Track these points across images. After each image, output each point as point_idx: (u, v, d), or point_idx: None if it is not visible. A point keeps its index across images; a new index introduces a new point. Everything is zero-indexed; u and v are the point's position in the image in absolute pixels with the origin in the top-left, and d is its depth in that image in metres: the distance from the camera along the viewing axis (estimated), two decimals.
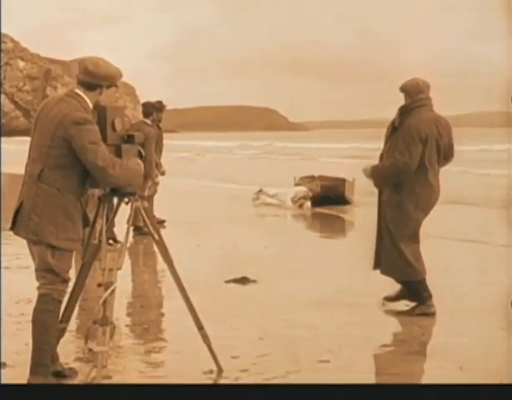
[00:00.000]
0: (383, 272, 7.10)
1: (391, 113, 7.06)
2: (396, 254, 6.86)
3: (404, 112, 6.85)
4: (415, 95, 6.82)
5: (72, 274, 5.02)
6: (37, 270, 4.85)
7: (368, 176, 7.01)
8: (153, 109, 11.88)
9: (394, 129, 6.90)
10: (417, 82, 6.85)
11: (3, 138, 44.71)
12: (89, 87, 4.83)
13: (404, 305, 7.07)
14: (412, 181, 6.76)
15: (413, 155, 6.70)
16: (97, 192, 5.12)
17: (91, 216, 5.07)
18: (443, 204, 7.45)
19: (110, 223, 5.07)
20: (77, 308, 5.68)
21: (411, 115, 6.79)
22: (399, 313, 6.89)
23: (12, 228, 4.84)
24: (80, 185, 4.81)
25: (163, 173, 12.33)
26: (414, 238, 6.89)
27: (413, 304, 6.95)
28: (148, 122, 11.64)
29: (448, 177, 7.20)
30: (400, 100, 7.01)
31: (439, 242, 10.52)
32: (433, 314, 6.84)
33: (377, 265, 7.13)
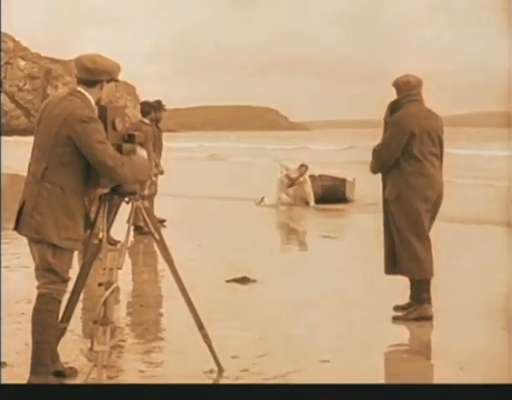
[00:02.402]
0: (402, 273, 6.95)
1: None
2: (401, 248, 6.79)
3: (394, 108, 6.85)
4: (406, 91, 6.81)
5: (74, 274, 5.02)
6: (37, 269, 4.84)
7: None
8: (151, 108, 11.90)
9: (386, 125, 6.91)
10: (408, 79, 6.83)
11: (3, 138, 44.60)
12: (89, 83, 4.83)
13: None
14: (406, 172, 6.72)
15: (389, 146, 6.74)
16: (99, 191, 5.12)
17: (93, 216, 5.07)
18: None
19: (110, 223, 5.06)
20: (80, 308, 5.70)
21: (400, 110, 6.79)
22: (395, 318, 6.82)
23: (15, 228, 4.84)
24: (83, 184, 4.81)
25: (161, 173, 12.34)
26: (421, 233, 6.76)
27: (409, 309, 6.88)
28: (146, 121, 11.66)
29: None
30: None
31: (440, 242, 10.51)
32: (429, 318, 6.74)
33: (389, 269, 7.00)
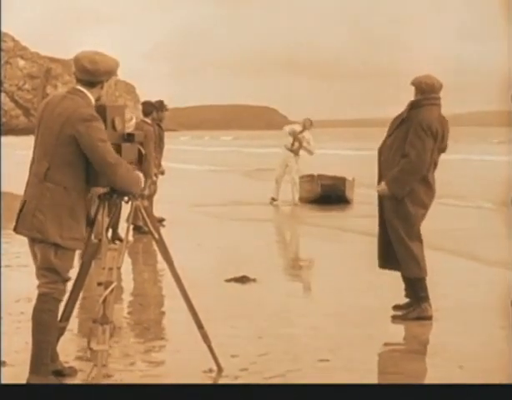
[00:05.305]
0: (402, 272, 6.89)
1: (390, 112, 7.02)
2: (401, 248, 6.78)
3: (414, 106, 6.74)
4: (429, 93, 6.73)
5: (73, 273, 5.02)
6: (38, 268, 4.83)
7: (387, 193, 6.73)
8: (152, 108, 11.90)
9: (402, 122, 6.80)
10: (433, 81, 6.75)
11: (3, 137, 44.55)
12: (90, 84, 4.82)
13: None
14: None
15: (426, 147, 6.60)
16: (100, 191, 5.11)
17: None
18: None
19: (114, 224, 5.06)
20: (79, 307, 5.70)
21: (422, 110, 6.69)
22: (394, 317, 6.81)
23: (15, 228, 4.83)
24: (85, 183, 4.80)
25: (162, 173, 12.35)
26: (416, 235, 6.77)
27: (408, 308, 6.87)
28: (148, 120, 11.65)
29: None
30: (399, 99, 6.96)
31: (440, 242, 10.52)
32: (429, 318, 6.73)
33: (383, 263, 7.00)
